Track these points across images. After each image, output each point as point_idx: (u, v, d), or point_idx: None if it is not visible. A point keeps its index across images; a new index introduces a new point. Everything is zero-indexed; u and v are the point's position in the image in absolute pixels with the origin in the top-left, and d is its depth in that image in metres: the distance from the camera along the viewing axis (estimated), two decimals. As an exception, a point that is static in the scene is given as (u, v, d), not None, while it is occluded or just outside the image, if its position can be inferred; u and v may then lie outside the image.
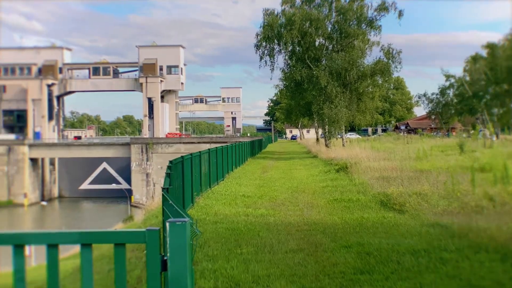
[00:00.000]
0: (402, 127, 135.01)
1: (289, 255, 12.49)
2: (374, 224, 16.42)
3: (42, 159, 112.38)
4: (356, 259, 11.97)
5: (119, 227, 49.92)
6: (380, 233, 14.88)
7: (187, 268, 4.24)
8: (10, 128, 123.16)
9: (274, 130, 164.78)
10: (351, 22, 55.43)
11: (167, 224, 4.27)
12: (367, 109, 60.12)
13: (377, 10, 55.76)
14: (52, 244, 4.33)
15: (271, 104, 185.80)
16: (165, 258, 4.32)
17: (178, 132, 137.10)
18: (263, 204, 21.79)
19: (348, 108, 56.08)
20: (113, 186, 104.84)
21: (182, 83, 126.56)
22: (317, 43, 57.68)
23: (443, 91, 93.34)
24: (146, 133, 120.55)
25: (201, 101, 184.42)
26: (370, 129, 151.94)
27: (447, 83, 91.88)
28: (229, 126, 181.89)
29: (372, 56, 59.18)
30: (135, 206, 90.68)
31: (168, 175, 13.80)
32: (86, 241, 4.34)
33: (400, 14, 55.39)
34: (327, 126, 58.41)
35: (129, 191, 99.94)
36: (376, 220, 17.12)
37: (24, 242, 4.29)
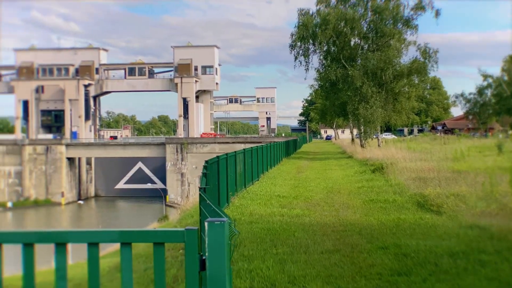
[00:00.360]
0: (439, 128, 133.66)
1: (325, 256, 12.43)
2: (411, 225, 16.26)
3: (79, 159, 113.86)
4: (393, 260, 11.87)
5: (154, 226, 50.27)
6: (418, 235, 14.73)
7: (225, 268, 4.23)
8: (48, 128, 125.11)
9: (308, 130, 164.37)
10: (387, 22, 54.94)
11: (206, 223, 4.27)
12: (403, 109, 59.51)
13: (414, 9, 55.20)
14: (93, 242, 4.38)
15: (306, 104, 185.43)
16: (204, 257, 4.32)
17: (213, 132, 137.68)
18: (298, 204, 21.73)
19: (384, 108, 55.59)
20: (148, 185, 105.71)
21: (217, 83, 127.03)
22: (352, 43, 57.36)
23: (480, 91, 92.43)
24: (181, 133, 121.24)
25: (236, 101, 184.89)
26: (406, 130, 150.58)
27: (485, 83, 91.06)
28: (263, 126, 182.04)
29: (408, 56, 58.68)
30: (170, 206, 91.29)
31: (204, 175, 13.85)
32: (126, 240, 4.37)
33: (437, 13, 54.75)
34: (362, 127, 58.04)
35: (164, 191, 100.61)
36: (413, 221, 16.95)
37: (66, 240, 4.35)
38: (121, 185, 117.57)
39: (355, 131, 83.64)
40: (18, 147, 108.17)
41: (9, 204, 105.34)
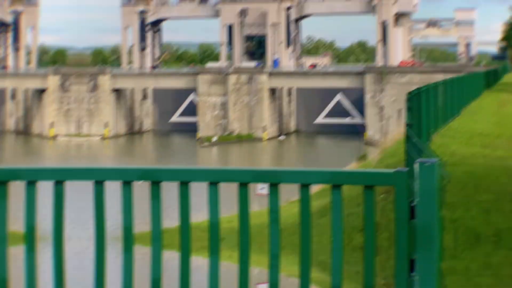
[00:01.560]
0: None
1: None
2: None
3: (280, 89, 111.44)
4: None
5: (353, 167, 50.09)
6: None
7: (435, 216, 3.97)
8: (251, 55, 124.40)
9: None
10: None
11: (416, 165, 3.94)
12: None
13: None
14: (305, 183, 4.30)
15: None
16: (412, 204, 4.06)
17: (412, 60, 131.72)
18: (501, 144, 20.45)
19: None
20: (347, 120, 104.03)
21: (414, 6, 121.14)
22: None
23: None
24: (379, 61, 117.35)
25: (433, 25, 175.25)
26: None
27: None
28: (462, 53, 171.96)
29: None
30: (368, 144, 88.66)
31: (409, 109, 13.16)
32: (337, 182, 4.27)
33: None
34: None
35: (362, 127, 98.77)
36: None
37: (279, 180, 4.31)
38: (320, 119, 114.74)
39: None
40: (223, 76, 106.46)
41: (214, 139, 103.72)
